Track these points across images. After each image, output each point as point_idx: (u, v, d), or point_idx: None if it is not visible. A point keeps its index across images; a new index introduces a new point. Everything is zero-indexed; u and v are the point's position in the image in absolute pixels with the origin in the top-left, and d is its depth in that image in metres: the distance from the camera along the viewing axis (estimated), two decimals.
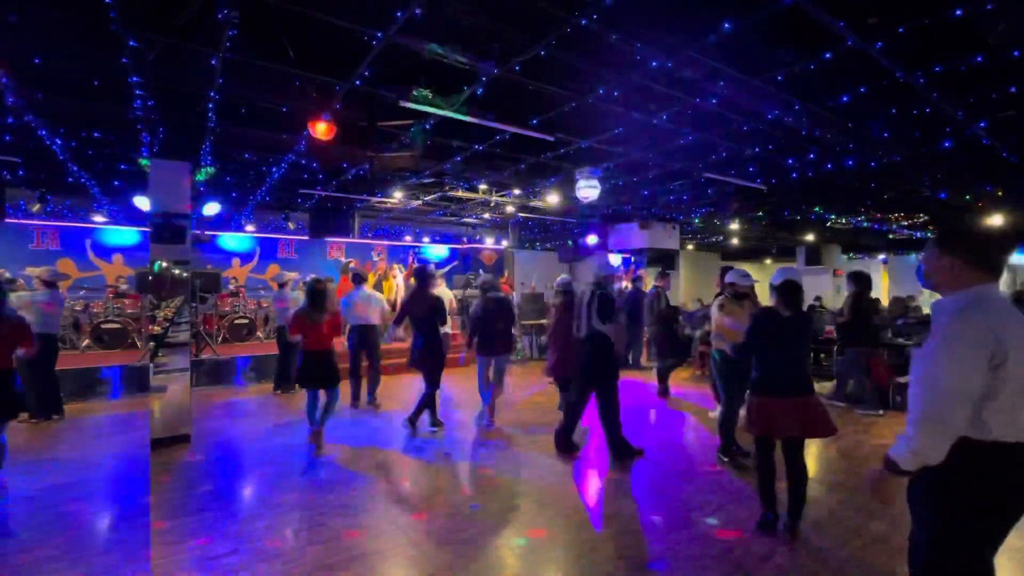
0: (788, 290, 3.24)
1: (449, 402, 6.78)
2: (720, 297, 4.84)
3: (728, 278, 4.66)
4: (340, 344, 5.98)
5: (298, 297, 7.65)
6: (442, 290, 6.91)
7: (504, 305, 5.75)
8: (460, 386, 7.66)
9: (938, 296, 1.76)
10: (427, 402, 5.44)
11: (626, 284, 10.06)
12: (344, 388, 5.62)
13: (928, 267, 1.76)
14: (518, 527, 3.40)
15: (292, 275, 8.43)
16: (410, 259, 12.12)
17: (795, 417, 3.14)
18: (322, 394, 5.14)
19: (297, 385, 5.19)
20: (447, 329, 5.96)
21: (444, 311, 5.58)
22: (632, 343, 9.71)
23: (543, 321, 10.04)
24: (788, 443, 3.26)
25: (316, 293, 5.04)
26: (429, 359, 5.41)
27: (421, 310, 5.46)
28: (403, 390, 7.42)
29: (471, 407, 6.42)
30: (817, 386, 7.36)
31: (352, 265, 8.77)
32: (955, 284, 1.68)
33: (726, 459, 4.50)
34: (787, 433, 3.19)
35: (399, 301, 9.25)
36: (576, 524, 3.46)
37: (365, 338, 6.41)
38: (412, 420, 5.44)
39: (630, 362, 9.71)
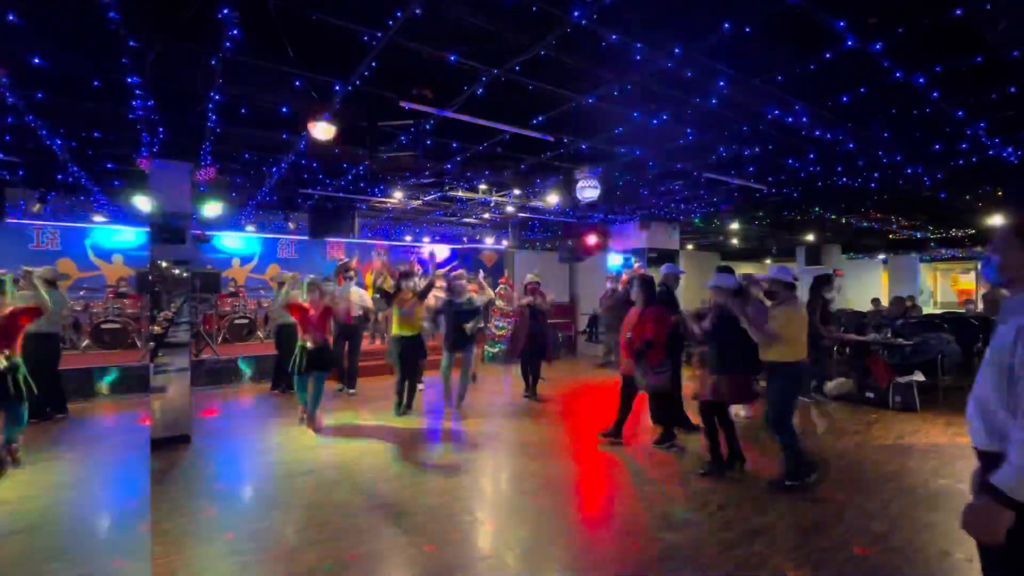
0: None
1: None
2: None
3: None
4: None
5: (296, 295, 7.67)
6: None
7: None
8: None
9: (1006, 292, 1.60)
10: (413, 392, 6.25)
11: (618, 286, 10.10)
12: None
13: (1006, 260, 1.57)
14: (519, 526, 3.40)
15: (290, 275, 8.44)
16: (410, 260, 12.10)
17: None
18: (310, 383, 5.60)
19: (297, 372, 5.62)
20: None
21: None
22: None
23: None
24: None
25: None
26: (422, 356, 6.31)
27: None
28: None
29: (468, 403, 6.45)
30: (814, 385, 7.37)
31: (342, 261, 8.77)
32: None
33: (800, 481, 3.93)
34: None
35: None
36: (577, 523, 3.46)
37: (348, 329, 7.18)
38: (408, 405, 6.18)
39: None
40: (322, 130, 5.00)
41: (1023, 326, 1.42)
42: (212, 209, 8.70)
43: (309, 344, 5.46)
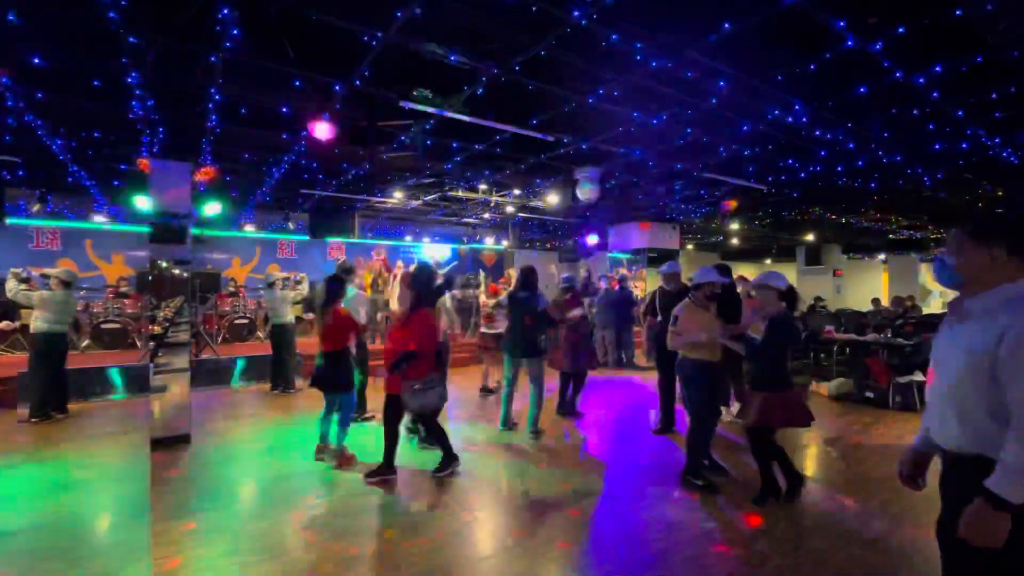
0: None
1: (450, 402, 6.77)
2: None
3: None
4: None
5: (288, 295, 7.65)
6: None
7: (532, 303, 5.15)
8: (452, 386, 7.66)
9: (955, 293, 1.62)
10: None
11: (610, 285, 10.11)
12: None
13: (964, 261, 1.57)
14: (518, 529, 3.40)
15: (281, 275, 8.43)
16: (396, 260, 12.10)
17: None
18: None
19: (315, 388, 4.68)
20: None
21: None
22: (622, 343, 9.81)
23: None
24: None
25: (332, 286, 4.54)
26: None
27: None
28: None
29: (468, 408, 6.43)
30: (815, 385, 7.42)
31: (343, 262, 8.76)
32: (999, 278, 1.49)
33: (698, 482, 3.93)
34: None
35: (393, 301, 9.22)
36: (577, 526, 3.46)
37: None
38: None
39: (624, 361, 9.77)
40: (322, 130, 5.02)
41: (1007, 331, 1.40)
42: (212, 208, 8.70)
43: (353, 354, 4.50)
